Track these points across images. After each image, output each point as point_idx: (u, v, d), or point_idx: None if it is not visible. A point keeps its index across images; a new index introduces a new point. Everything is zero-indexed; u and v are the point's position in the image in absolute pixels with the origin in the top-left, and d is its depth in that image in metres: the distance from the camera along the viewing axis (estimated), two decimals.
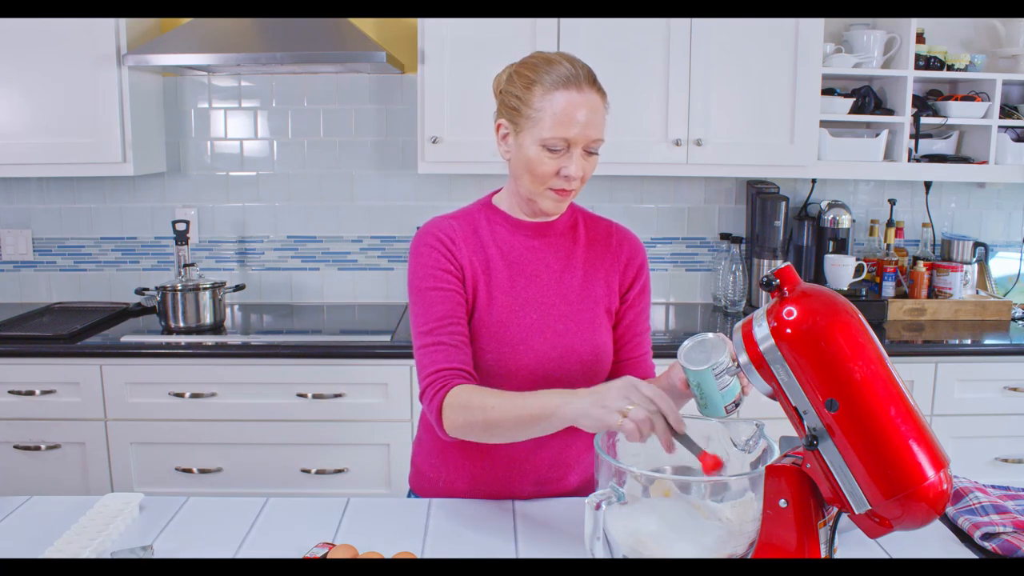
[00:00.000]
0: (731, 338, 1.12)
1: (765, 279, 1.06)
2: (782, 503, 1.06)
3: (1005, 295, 3.05)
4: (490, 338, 1.42)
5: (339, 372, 2.45)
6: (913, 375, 2.51)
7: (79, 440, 2.47)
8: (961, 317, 2.83)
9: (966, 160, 2.85)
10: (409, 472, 1.61)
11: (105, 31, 2.56)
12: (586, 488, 1.51)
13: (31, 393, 2.45)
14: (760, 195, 2.86)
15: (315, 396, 2.46)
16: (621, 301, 1.51)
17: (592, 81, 1.37)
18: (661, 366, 2.45)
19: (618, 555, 1.17)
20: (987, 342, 2.58)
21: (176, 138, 2.97)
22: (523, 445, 1.44)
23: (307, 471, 2.50)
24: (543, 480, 1.48)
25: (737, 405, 1.21)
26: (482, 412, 1.28)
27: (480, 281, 1.44)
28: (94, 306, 2.91)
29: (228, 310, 2.92)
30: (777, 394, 1.06)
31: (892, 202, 2.97)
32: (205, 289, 2.64)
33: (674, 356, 2.61)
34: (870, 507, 0.99)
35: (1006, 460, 2.57)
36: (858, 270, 2.82)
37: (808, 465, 1.05)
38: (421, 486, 1.55)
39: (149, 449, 2.49)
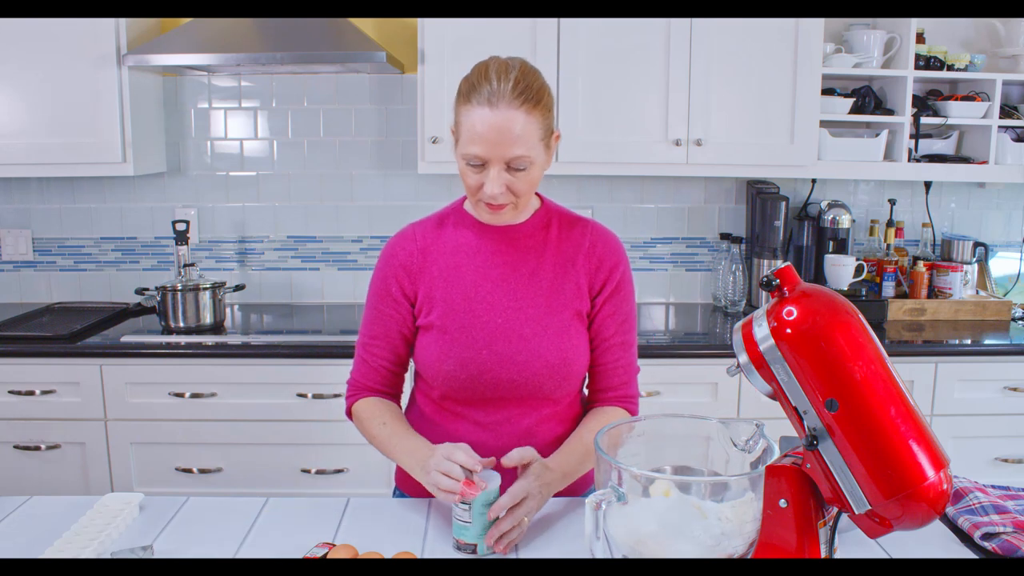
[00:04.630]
0: (732, 338, 1.12)
1: (765, 279, 1.06)
2: (782, 503, 1.06)
3: (1005, 295, 3.05)
4: (452, 343, 1.43)
5: (339, 372, 2.43)
6: (913, 375, 2.51)
7: (79, 440, 2.47)
8: (961, 317, 2.83)
9: (966, 160, 2.85)
10: (395, 469, 1.62)
11: (105, 31, 2.56)
12: (579, 487, 1.51)
13: (31, 393, 2.45)
14: (760, 195, 2.86)
15: (315, 396, 2.46)
16: (592, 305, 1.48)
17: (514, 97, 1.31)
18: (660, 367, 2.46)
19: (618, 555, 1.17)
20: (987, 342, 2.58)
21: (176, 138, 2.97)
22: (508, 444, 1.43)
23: (307, 471, 2.50)
24: None
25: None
26: (369, 436, 1.50)
27: (438, 289, 1.45)
28: (94, 306, 2.91)
29: (228, 310, 2.92)
30: (777, 394, 1.06)
31: (892, 202, 2.96)
32: (205, 289, 2.64)
33: (673, 356, 2.60)
34: (870, 507, 0.99)
35: (1006, 460, 2.57)
36: (858, 270, 2.82)
37: (808, 465, 1.05)
38: (407, 483, 1.55)
39: (149, 449, 2.49)
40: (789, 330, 1.01)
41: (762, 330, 1.04)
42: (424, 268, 1.47)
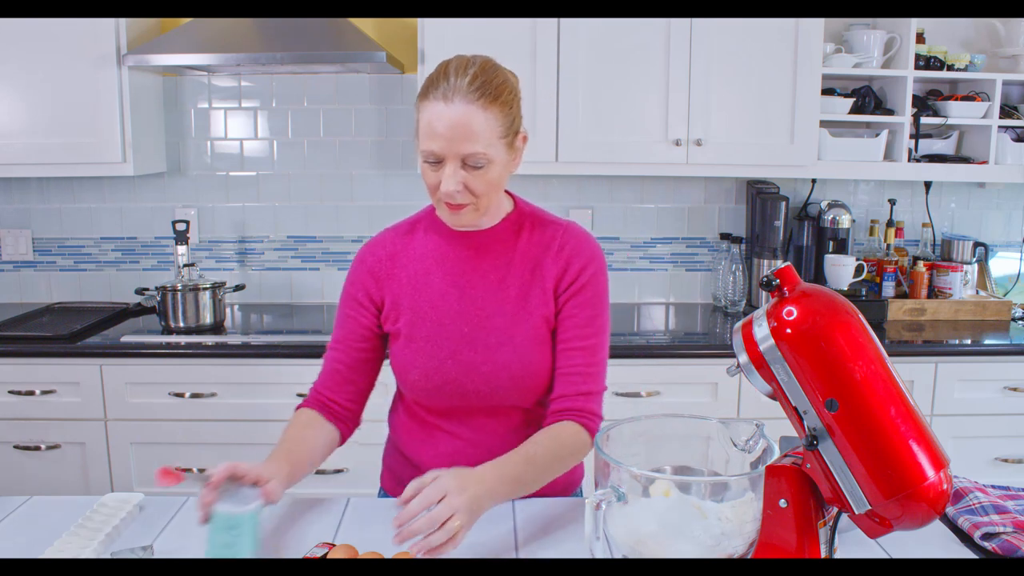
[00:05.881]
0: (732, 338, 1.12)
1: (765, 279, 1.06)
2: (782, 503, 1.06)
3: (1005, 295, 3.05)
4: (418, 352, 1.41)
5: None
6: (913, 375, 2.51)
7: (79, 440, 2.47)
8: (961, 317, 2.83)
9: (966, 160, 2.85)
10: (381, 471, 1.61)
11: (105, 31, 2.56)
12: (570, 486, 1.50)
13: (31, 393, 2.45)
14: (760, 195, 2.86)
15: None
16: (556, 305, 1.42)
17: (469, 92, 1.27)
18: (660, 367, 2.45)
19: (618, 555, 1.17)
20: (987, 342, 2.58)
21: (176, 138, 2.97)
22: (482, 452, 1.38)
23: None
24: None
25: None
26: None
27: (405, 297, 1.43)
28: (94, 306, 2.91)
29: (228, 310, 2.92)
30: (777, 394, 1.06)
31: (892, 202, 2.96)
32: (205, 289, 2.64)
33: (673, 356, 2.59)
34: (870, 507, 0.99)
35: (1006, 460, 2.57)
36: (858, 270, 2.82)
37: (808, 465, 1.05)
38: (392, 487, 1.55)
39: (149, 449, 2.49)
40: (789, 330, 1.01)
41: (762, 330, 1.04)
42: (391, 274, 1.45)
